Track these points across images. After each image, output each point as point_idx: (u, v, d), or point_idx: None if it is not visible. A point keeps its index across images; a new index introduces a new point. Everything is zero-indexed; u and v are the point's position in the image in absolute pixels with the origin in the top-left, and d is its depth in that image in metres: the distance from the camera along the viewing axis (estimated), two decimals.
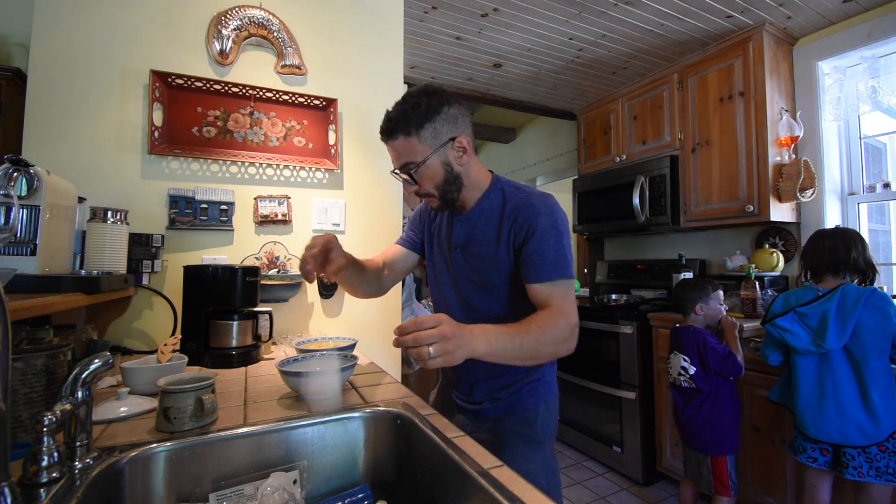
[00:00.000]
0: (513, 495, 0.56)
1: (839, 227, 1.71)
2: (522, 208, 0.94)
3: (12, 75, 1.65)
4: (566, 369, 2.91)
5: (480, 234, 0.99)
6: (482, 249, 0.98)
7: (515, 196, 0.97)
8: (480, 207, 1.00)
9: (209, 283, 1.29)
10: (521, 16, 2.20)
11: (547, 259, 0.89)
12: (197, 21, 1.58)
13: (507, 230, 0.95)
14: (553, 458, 1.05)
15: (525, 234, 0.92)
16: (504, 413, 1.01)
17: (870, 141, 2.32)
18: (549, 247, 0.90)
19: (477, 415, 1.05)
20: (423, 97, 0.92)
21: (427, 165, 0.93)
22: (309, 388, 0.92)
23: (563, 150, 3.98)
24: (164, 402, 0.77)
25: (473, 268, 1.00)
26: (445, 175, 0.95)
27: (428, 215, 1.15)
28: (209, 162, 1.58)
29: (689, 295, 1.93)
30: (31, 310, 0.78)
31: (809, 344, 1.52)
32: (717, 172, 2.41)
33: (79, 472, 0.61)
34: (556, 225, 0.92)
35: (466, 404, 1.07)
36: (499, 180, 1.02)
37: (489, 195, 1.00)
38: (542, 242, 0.90)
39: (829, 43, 2.25)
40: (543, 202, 0.94)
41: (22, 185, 0.96)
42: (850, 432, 1.45)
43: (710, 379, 1.80)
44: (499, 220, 0.97)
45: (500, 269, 0.97)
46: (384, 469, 0.87)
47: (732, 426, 1.79)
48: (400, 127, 0.91)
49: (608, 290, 3.28)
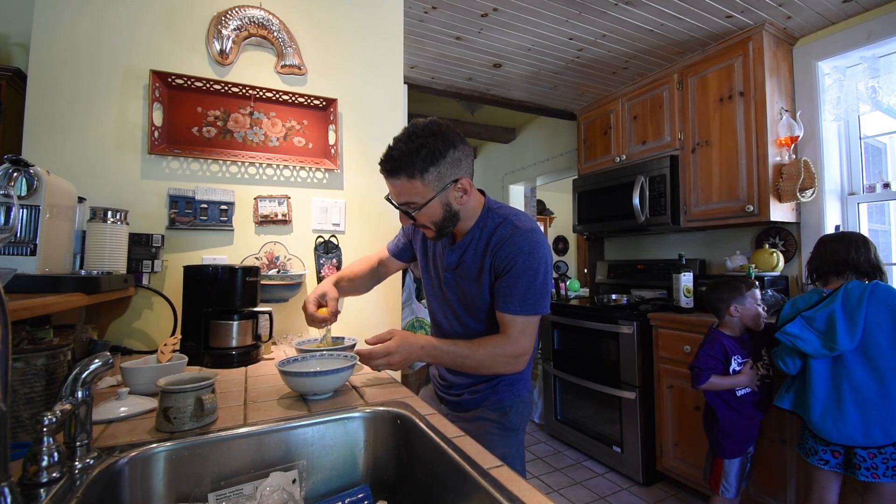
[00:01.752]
0: (513, 495, 0.56)
1: (844, 231, 1.70)
2: (505, 244, 0.99)
3: (12, 75, 1.65)
4: (566, 369, 2.92)
5: (469, 260, 1.05)
6: (469, 275, 1.05)
7: (502, 229, 1.01)
8: (471, 236, 1.05)
9: (209, 283, 1.29)
10: (521, 16, 2.19)
11: (514, 295, 0.97)
12: (197, 21, 1.58)
13: (489, 262, 1.01)
14: (523, 444, 1.16)
15: (503, 268, 0.99)
16: (482, 404, 1.10)
17: (870, 141, 2.32)
18: (520, 285, 0.97)
19: (458, 405, 1.13)
20: (430, 139, 0.92)
21: (428, 206, 0.96)
22: (309, 388, 0.93)
23: (563, 150, 3.98)
24: (164, 402, 0.77)
25: (461, 290, 1.08)
26: (444, 214, 0.99)
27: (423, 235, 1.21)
28: (209, 162, 1.58)
29: (720, 296, 1.79)
30: (31, 310, 0.78)
31: (821, 348, 1.48)
32: (717, 172, 2.41)
33: (79, 472, 0.61)
34: (532, 265, 0.97)
35: (449, 396, 1.16)
36: (489, 209, 1.06)
37: (480, 224, 1.05)
38: (515, 279, 0.97)
39: (829, 43, 2.25)
40: (526, 240, 0.98)
41: (22, 185, 0.96)
42: (874, 433, 1.43)
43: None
44: (483, 250, 1.02)
45: (482, 297, 1.04)
46: (384, 469, 0.87)
47: (725, 433, 1.74)
48: (403, 168, 0.92)
49: (608, 290, 3.28)
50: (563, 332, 2.96)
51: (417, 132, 0.93)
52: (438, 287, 1.14)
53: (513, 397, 1.10)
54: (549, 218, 6.25)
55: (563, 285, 3.40)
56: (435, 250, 1.14)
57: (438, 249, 1.12)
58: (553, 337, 3.05)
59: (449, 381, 1.16)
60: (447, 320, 1.14)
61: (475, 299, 1.05)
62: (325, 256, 1.69)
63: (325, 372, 0.93)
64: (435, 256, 1.14)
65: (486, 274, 1.02)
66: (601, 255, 3.61)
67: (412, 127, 0.96)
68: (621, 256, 3.46)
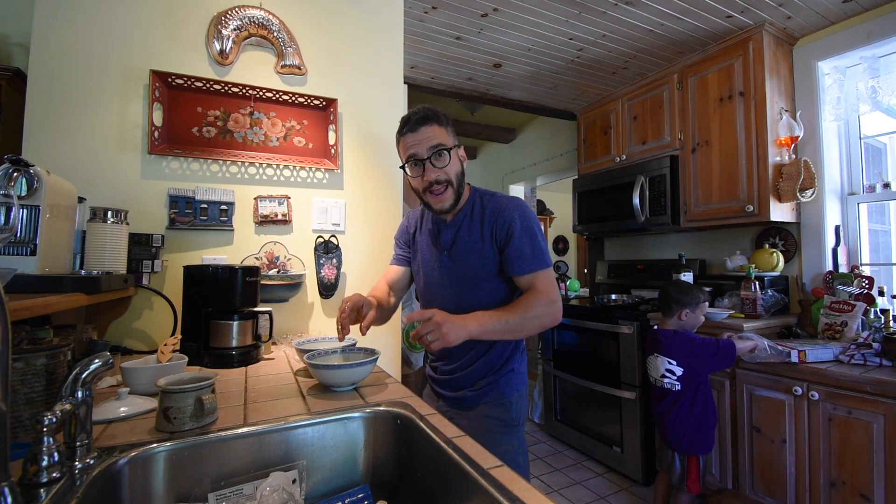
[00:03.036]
0: (513, 495, 0.56)
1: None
2: (500, 213, 1.09)
3: (12, 75, 1.65)
4: (566, 369, 2.91)
5: (465, 235, 1.12)
6: (469, 248, 1.11)
7: (492, 202, 1.12)
8: (463, 213, 1.13)
9: (209, 283, 1.29)
10: (521, 16, 2.19)
11: (525, 256, 1.06)
12: (197, 21, 1.58)
13: (489, 231, 1.10)
14: (525, 440, 1.17)
15: (504, 235, 1.08)
16: (482, 400, 1.12)
17: (870, 141, 2.32)
18: (526, 245, 1.07)
19: (458, 402, 1.15)
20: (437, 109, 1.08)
21: (454, 152, 1.07)
22: (336, 380, 0.99)
23: (563, 150, 3.98)
24: (164, 402, 0.77)
25: (460, 267, 1.12)
26: (461, 169, 1.10)
27: (409, 230, 1.28)
28: (209, 162, 1.58)
29: (680, 297, 1.91)
30: (31, 310, 0.78)
31: None
32: (716, 172, 2.41)
33: (79, 472, 0.61)
34: (530, 225, 1.08)
35: (449, 393, 1.17)
36: (475, 190, 1.17)
37: (469, 203, 1.14)
38: (521, 242, 1.07)
39: (829, 43, 2.25)
40: (516, 206, 1.10)
41: (22, 185, 0.96)
42: None
43: (694, 378, 1.84)
44: (480, 223, 1.11)
45: (486, 266, 1.10)
46: (384, 469, 0.87)
47: (708, 427, 1.82)
48: (433, 116, 1.06)
49: (608, 290, 3.28)
50: (564, 332, 2.96)
51: (425, 106, 1.08)
52: (436, 274, 1.17)
53: (512, 392, 1.13)
54: (549, 218, 6.24)
55: (563, 285, 3.40)
56: (427, 239, 1.20)
57: (430, 237, 1.19)
58: (553, 337, 3.05)
59: (444, 372, 1.18)
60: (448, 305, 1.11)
61: (478, 270, 1.10)
62: (325, 256, 1.69)
63: (351, 365, 0.98)
64: (428, 245, 1.20)
65: (489, 243, 1.10)
66: (601, 255, 3.61)
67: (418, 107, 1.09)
68: (621, 256, 3.46)
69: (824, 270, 2.22)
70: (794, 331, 2.10)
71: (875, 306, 1.94)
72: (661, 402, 1.91)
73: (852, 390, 1.63)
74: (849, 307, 1.94)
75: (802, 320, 2.21)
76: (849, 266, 2.21)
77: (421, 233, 1.23)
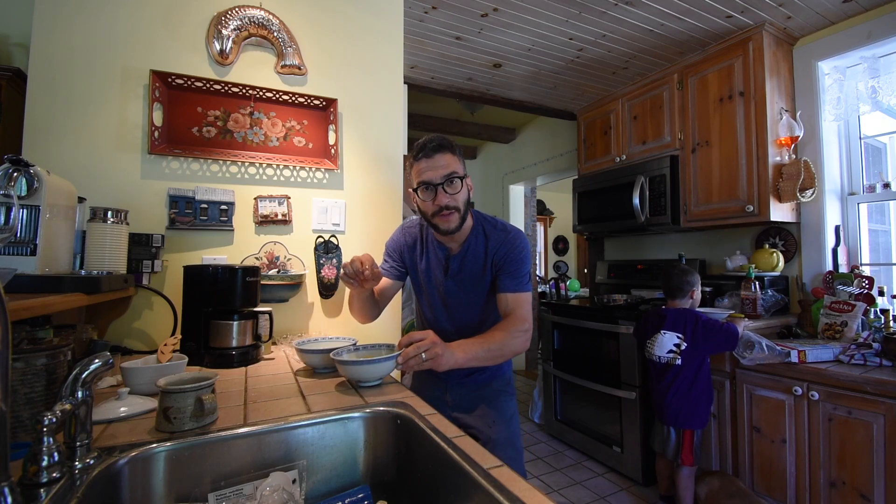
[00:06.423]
0: (513, 495, 0.56)
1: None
2: (502, 245, 1.21)
3: (12, 75, 1.65)
4: (566, 369, 2.91)
5: (470, 265, 1.23)
6: (473, 276, 1.23)
7: (494, 235, 1.22)
8: (468, 245, 1.23)
9: (209, 283, 1.28)
10: (521, 16, 2.19)
11: (515, 278, 1.19)
12: (197, 21, 1.58)
13: (490, 262, 1.22)
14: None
15: (502, 262, 1.20)
16: (490, 378, 1.30)
17: (870, 141, 2.32)
18: (518, 271, 1.19)
19: (465, 384, 1.28)
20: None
21: (464, 182, 1.16)
22: (363, 376, 1.02)
23: (563, 150, 3.98)
24: (164, 402, 0.77)
25: (464, 291, 1.25)
26: (468, 197, 1.18)
27: (410, 251, 1.31)
28: (209, 162, 1.58)
29: (689, 278, 2.07)
30: (31, 310, 0.78)
31: None
32: (716, 172, 2.41)
33: (79, 472, 0.61)
34: (523, 255, 1.21)
35: (458, 377, 1.27)
36: (478, 220, 1.25)
37: (475, 233, 1.23)
38: (515, 267, 1.19)
39: (829, 43, 2.25)
40: (517, 237, 1.22)
41: (22, 185, 0.96)
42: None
43: (698, 355, 1.93)
44: (484, 255, 1.22)
45: (483, 290, 1.24)
46: (384, 469, 0.87)
47: (705, 403, 1.95)
48: (447, 145, 1.13)
49: (608, 290, 3.28)
50: (563, 332, 2.96)
51: (440, 136, 1.16)
52: (438, 297, 1.28)
53: (509, 368, 1.35)
54: (549, 218, 6.24)
55: (563, 285, 3.40)
56: (434, 266, 1.27)
57: (439, 265, 1.26)
58: (553, 337, 3.05)
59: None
60: (436, 319, 1.30)
61: (476, 296, 1.24)
62: (325, 256, 1.69)
63: (381, 359, 1.00)
64: (434, 271, 1.28)
65: (489, 271, 1.22)
66: (601, 255, 3.61)
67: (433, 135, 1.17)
68: (621, 256, 3.46)
69: (824, 270, 2.22)
70: (794, 331, 2.10)
71: (875, 306, 1.94)
72: (661, 379, 2.01)
73: (852, 390, 1.63)
74: (849, 307, 1.94)
75: (802, 320, 2.21)
76: (849, 266, 2.21)
77: (425, 258, 1.29)
